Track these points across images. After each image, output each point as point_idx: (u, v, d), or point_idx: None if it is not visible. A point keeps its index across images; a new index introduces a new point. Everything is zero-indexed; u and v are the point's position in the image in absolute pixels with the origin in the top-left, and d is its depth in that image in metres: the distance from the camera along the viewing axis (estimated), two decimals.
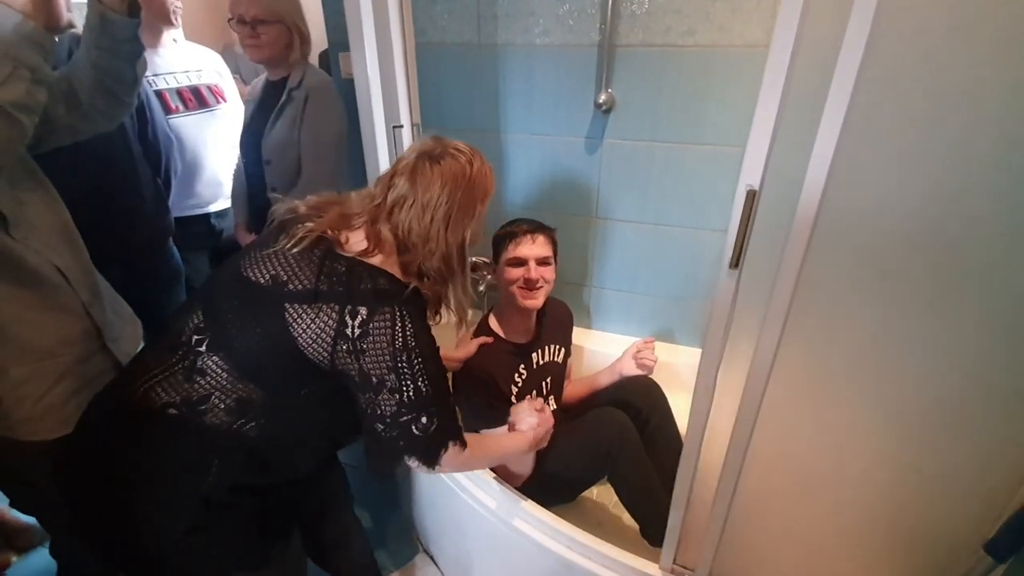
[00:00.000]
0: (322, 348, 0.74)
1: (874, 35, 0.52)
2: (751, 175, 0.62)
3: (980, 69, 0.52)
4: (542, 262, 1.24)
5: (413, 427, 0.76)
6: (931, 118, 0.55)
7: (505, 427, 1.06)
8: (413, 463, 0.80)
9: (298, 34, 1.42)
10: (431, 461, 0.79)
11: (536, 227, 1.26)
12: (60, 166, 0.95)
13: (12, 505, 1.07)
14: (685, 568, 0.91)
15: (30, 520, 1.44)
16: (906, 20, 0.52)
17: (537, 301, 1.25)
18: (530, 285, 1.22)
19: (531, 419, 1.04)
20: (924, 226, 0.58)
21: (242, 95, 1.82)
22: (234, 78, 2.08)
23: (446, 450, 0.80)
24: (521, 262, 1.23)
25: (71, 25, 0.86)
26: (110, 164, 1.28)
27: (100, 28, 0.88)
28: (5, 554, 1.44)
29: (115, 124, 1.03)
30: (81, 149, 1.15)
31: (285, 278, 0.75)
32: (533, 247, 1.23)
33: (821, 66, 0.55)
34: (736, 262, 0.65)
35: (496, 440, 0.99)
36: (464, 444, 0.83)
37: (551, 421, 1.07)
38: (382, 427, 0.76)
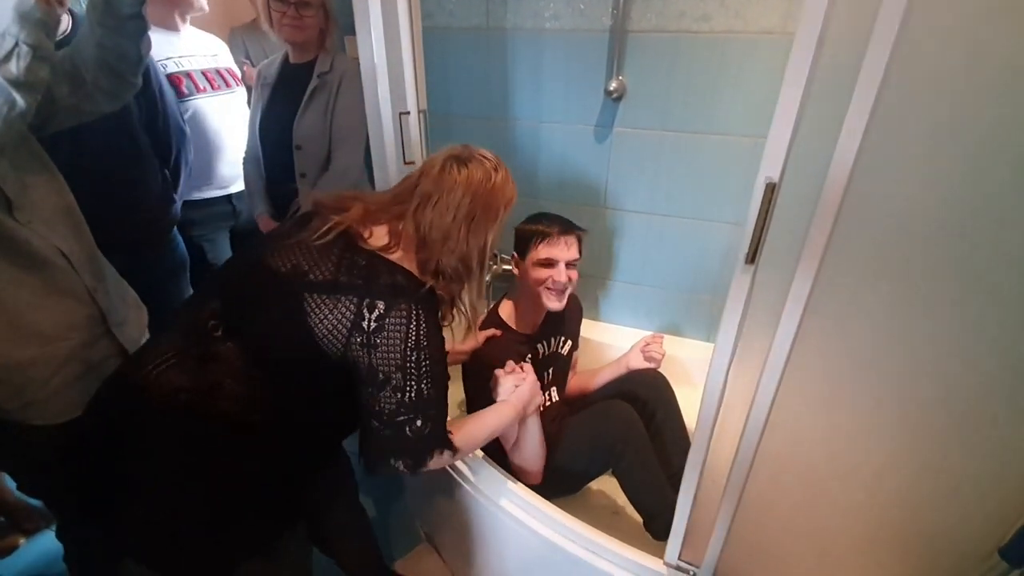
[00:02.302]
0: (337, 339, 0.74)
1: (907, 19, 0.49)
2: (771, 167, 0.59)
3: (1018, 55, 0.49)
4: (571, 265, 1.22)
5: (407, 428, 0.76)
6: (964, 108, 0.52)
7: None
8: (399, 465, 0.79)
9: (332, 19, 1.42)
10: (417, 465, 0.80)
11: (569, 228, 1.23)
12: (63, 155, 0.94)
13: (19, 488, 1.08)
14: (690, 564, 0.91)
15: (37, 503, 1.46)
16: (942, 3, 0.49)
17: (562, 303, 1.24)
18: (559, 287, 1.21)
19: (509, 384, 1.04)
20: (951, 223, 0.56)
21: (248, 79, 1.80)
22: (243, 62, 2.07)
23: (431, 457, 0.80)
24: (551, 263, 1.20)
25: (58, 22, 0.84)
26: (114, 155, 1.27)
27: (104, 5, 0.86)
28: (12, 537, 1.46)
29: (119, 104, 1.02)
30: (84, 139, 1.14)
31: (306, 268, 0.75)
32: (565, 250, 1.20)
33: (849, 53, 0.52)
34: (752, 257, 0.63)
35: (480, 422, 0.97)
36: (453, 449, 0.83)
37: (532, 378, 1.06)
38: (378, 424, 0.76)
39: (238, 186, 1.69)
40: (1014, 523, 0.68)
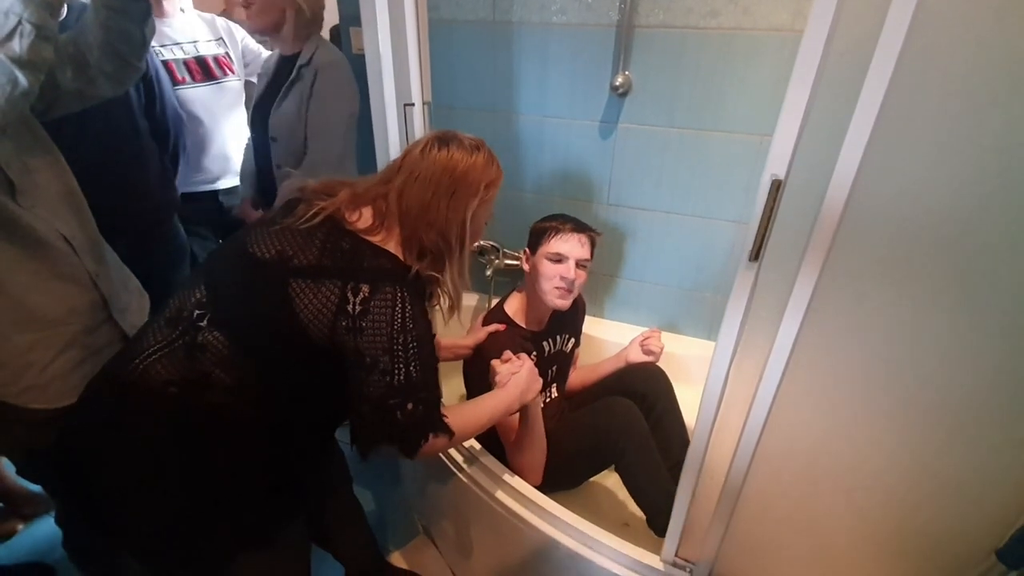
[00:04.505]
0: (323, 324, 0.73)
1: (917, 18, 0.49)
2: (777, 165, 0.59)
3: None
4: (580, 264, 1.21)
5: (398, 412, 0.74)
6: (973, 109, 0.52)
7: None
8: (392, 450, 0.77)
9: (292, 6, 1.36)
10: (411, 450, 0.77)
11: (582, 227, 1.22)
12: (65, 142, 0.94)
13: (19, 473, 1.08)
14: (687, 561, 0.91)
15: (36, 488, 1.46)
16: (952, 3, 0.49)
17: (568, 302, 1.23)
18: (567, 284, 1.20)
19: (505, 372, 1.03)
20: (957, 224, 0.56)
21: None
22: None
23: (426, 440, 0.78)
24: (561, 258, 1.20)
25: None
26: (115, 141, 1.27)
27: None
28: (11, 522, 1.46)
29: (123, 89, 1.01)
30: (86, 125, 1.13)
31: (290, 253, 0.75)
32: (576, 247, 1.20)
33: (858, 50, 0.52)
34: (756, 255, 0.63)
35: (477, 407, 0.96)
36: (449, 433, 0.81)
37: (529, 365, 1.05)
38: (367, 408, 0.75)
39: (227, 182, 1.66)
40: (1012, 525, 0.68)
